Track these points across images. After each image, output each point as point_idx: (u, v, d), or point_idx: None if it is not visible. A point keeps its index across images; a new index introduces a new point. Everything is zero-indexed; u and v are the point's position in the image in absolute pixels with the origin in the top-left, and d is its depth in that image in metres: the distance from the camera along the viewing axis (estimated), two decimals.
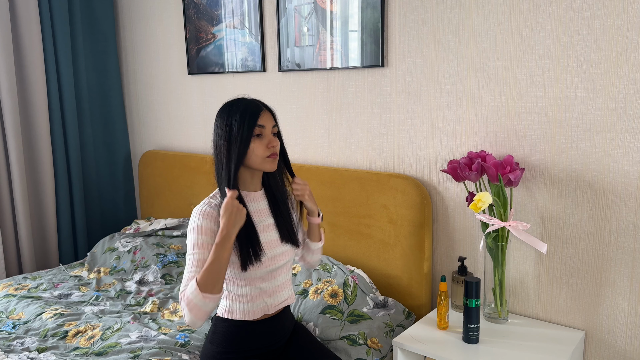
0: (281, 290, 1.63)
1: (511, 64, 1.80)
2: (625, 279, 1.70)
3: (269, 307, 1.59)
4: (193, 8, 2.71)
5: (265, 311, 1.59)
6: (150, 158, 3.02)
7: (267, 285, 1.58)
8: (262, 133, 1.52)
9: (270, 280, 1.59)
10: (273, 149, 1.53)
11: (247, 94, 1.68)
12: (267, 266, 1.56)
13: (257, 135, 1.51)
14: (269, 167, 1.55)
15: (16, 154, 2.73)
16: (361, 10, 2.10)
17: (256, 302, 1.57)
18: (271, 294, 1.60)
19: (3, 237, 2.78)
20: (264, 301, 1.58)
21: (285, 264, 1.63)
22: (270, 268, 1.57)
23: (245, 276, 1.55)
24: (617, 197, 1.68)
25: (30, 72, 2.76)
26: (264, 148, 1.52)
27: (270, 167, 1.55)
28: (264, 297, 1.58)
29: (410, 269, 2.05)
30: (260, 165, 1.53)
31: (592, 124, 1.68)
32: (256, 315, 1.58)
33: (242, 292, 1.56)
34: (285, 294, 1.64)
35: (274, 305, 1.60)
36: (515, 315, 1.92)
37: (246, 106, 1.53)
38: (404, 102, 2.08)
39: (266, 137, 1.53)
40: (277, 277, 1.61)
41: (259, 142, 1.51)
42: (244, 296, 1.56)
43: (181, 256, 2.51)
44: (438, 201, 2.06)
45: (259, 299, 1.58)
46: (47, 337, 1.91)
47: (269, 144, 1.53)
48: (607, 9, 1.60)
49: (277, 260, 1.59)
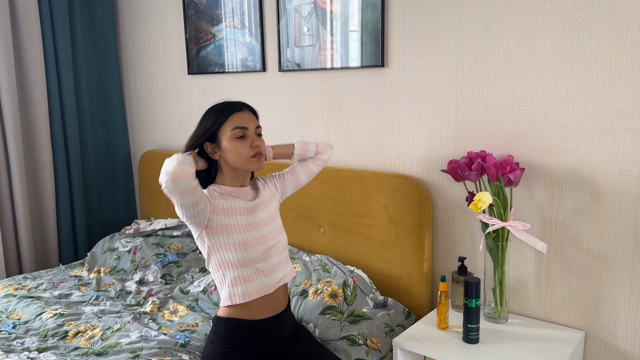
0: (278, 269, 1.65)
1: (511, 64, 1.80)
2: (625, 279, 1.70)
3: (267, 287, 1.61)
4: (193, 8, 2.71)
5: (265, 291, 1.61)
6: (150, 158, 3.02)
7: (263, 265, 1.61)
8: (245, 134, 1.58)
9: (265, 260, 1.62)
10: (257, 148, 1.59)
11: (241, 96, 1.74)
12: (260, 244, 1.60)
13: (241, 137, 1.58)
14: (254, 166, 1.61)
15: (16, 154, 2.73)
16: (361, 10, 2.10)
17: (254, 282, 1.59)
18: (268, 273, 1.62)
19: (3, 237, 2.78)
20: (262, 281, 1.61)
21: (278, 243, 1.67)
22: (264, 247, 1.60)
23: (241, 257, 1.57)
24: (617, 197, 1.68)
25: (30, 72, 2.76)
26: (248, 148, 1.58)
27: (256, 167, 1.62)
28: (261, 276, 1.60)
29: (410, 269, 2.05)
30: (245, 165, 1.59)
31: (592, 124, 1.68)
32: (256, 295, 1.59)
33: (239, 274, 1.58)
34: (282, 272, 1.67)
35: (272, 284, 1.63)
36: (515, 315, 1.92)
37: (226, 104, 1.62)
38: (404, 102, 2.08)
39: (250, 138, 1.59)
40: (271, 256, 1.64)
41: (242, 142, 1.58)
42: (242, 277, 1.58)
43: (181, 256, 2.51)
44: (438, 201, 2.06)
45: (256, 278, 1.60)
46: (47, 337, 1.91)
47: (252, 144, 1.58)
48: (607, 9, 1.60)
49: (268, 239, 1.63)
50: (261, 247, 1.60)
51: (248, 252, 1.58)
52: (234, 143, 1.57)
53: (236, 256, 1.57)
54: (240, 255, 1.57)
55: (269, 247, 1.63)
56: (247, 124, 1.59)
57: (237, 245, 1.57)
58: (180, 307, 2.11)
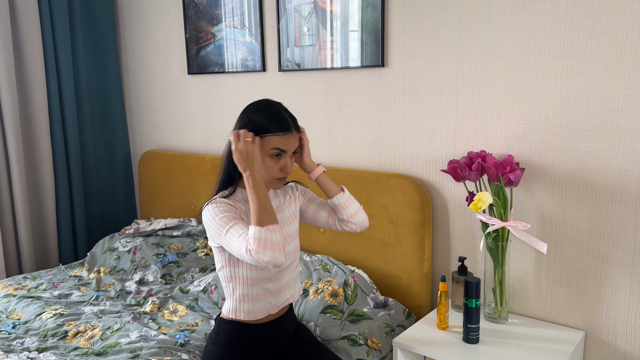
0: (286, 290, 1.62)
1: (511, 64, 1.80)
2: (625, 279, 1.70)
3: (272, 307, 1.59)
4: (193, 8, 2.71)
5: (269, 311, 1.59)
6: (150, 158, 3.02)
7: (272, 286, 1.57)
8: (281, 155, 1.50)
9: (276, 280, 1.58)
10: (285, 174, 1.52)
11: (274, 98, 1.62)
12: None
13: (277, 155, 1.49)
14: (274, 186, 1.55)
15: (16, 154, 2.73)
16: (361, 10, 2.10)
17: (261, 302, 1.57)
18: (276, 294, 1.59)
19: (3, 237, 2.78)
20: (268, 301, 1.58)
21: (291, 264, 1.62)
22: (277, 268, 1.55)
23: (253, 276, 1.54)
24: (617, 197, 1.68)
25: (30, 72, 2.76)
26: (278, 170, 1.50)
27: (275, 187, 1.55)
28: (268, 297, 1.57)
29: (410, 269, 2.05)
30: (266, 181, 1.52)
31: (592, 124, 1.68)
32: (260, 315, 1.57)
33: (247, 292, 1.55)
34: (289, 292, 1.63)
35: (277, 305, 1.60)
36: (515, 315, 1.92)
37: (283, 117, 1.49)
38: (404, 102, 2.08)
39: (283, 159, 1.50)
40: (283, 276, 1.60)
41: (275, 161, 1.49)
42: (249, 296, 1.56)
43: (181, 256, 2.51)
44: (438, 201, 2.06)
45: (263, 299, 1.57)
46: (47, 337, 1.91)
47: (283, 168, 1.51)
48: (607, 9, 1.60)
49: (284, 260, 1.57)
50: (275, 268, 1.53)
51: (262, 272, 1.54)
52: (267, 159, 1.48)
53: (249, 274, 1.53)
54: (253, 274, 1.53)
55: (283, 269, 1.59)
56: (288, 148, 1.49)
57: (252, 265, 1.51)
58: (180, 307, 2.11)
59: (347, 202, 1.62)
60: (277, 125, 1.47)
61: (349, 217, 1.62)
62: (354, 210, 1.63)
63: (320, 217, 1.67)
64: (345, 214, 1.62)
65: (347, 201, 1.62)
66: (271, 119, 1.47)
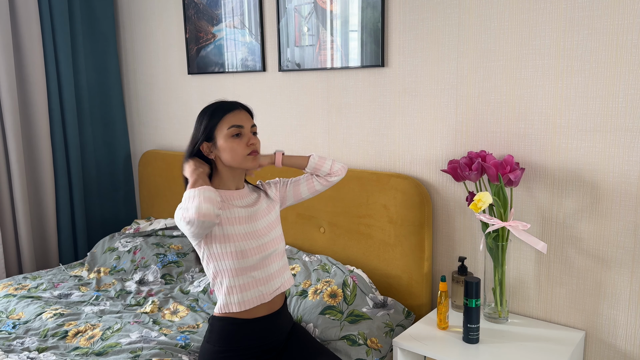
0: (275, 278, 1.64)
1: (511, 63, 1.80)
2: (625, 279, 1.70)
3: (264, 296, 1.60)
4: (193, 8, 2.71)
5: (261, 300, 1.60)
6: (150, 158, 3.02)
7: (259, 274, 1.60)
8: (241, 133, 1.59)
9: (263, 269, 1.60)
10: (253, 146, 1.60)
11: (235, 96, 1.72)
12: (257, 253, 1.58)
13: (237, 135, 1.58)
14: (250, 164, 1.62)
15: (16, 154, 2.73)
16: (361, 10, 2.10)
17: (250, 291, 1.58)
18: (265, 282, 1.61)
19: (3, 237, 2.78)
20: (258, 290, 1.59)
21: (275, 251, 1.65)
22: (261, 255, 1.59)
23: (237, 266, 1.56)
24: (617, 197, 1.68)
25: (30, 72, 2.76)
26: (244, 146, 1.59)
27: (251, 165, 1.62)
28: (258, 285, 1.59)
29: (410, 269, 2.05)
30: (241, 163, 1.60)
31: (592, 124, 1.68)
32: (252, 304, 1.58)
33: (235, 283, 1.57)
34: (279, 280, 1.65)
35: (269, 292, 1.61)
36: (515, 315, 1.92)
37: (221, 103, 1.63)
38: (404, 102, 2.08)
39: (245, 136, 1.60)
40: (269, 264, 1.62)
41: (238, 140, 1.59)
42: (238, 287, 1.57)
43: (181, 256, 2.51)
44: (438, 201, 2.06)
45: (252, 287, 1.58)
46: (47, 337, 1.91)
47: (248, 142, 1.59)
48: (607, 9, 1.60)
49: (267, 247, 1.61)
50: (258, 255, 1.59)
51: (245, 261, 1.57)
52: (230, 141, 1.58)
53: (232, 264, 1.56)
54: (236, 264, 1.56)
55: (267, 256, 1.61)
56: (242, 123, 1.60)
57: (234, 254, 1.56)
58: (181, 308, 2.11)
59: (320, 162, 1.76)
60: (220, 110, 1.60)
61: (329, 171, 1.78)
62: (329, 164, 1.77)
63: (302, 189, 1.79)
64: (323, 172, 1.77)
65: (319, 162, 1.76)
66: (214, 111, 1.60)
